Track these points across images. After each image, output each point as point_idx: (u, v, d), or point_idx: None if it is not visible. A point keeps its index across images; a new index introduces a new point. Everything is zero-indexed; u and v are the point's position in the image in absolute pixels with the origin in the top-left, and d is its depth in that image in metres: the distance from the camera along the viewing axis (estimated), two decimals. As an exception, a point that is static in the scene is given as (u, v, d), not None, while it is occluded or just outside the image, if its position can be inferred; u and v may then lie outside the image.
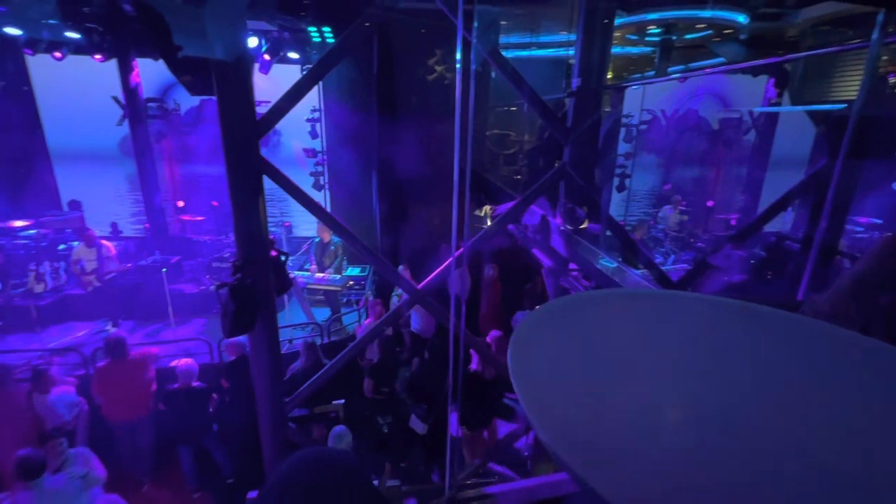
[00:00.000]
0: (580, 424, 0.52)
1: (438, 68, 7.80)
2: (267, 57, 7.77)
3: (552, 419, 0.51)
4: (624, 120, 9.19)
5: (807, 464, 0.52)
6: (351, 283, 7.33)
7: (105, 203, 9.56)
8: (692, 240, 8.50)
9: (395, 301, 6.37)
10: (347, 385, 5.18)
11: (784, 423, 0.58)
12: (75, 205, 9.06)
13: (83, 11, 5.40)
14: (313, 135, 8.26)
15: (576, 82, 3.85)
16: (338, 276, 6.99)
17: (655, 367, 0.70)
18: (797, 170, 5.12)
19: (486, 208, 5.20)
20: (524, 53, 8.97)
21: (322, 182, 8.37)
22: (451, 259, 3.77)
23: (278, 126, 3.77)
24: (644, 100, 10.34)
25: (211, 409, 4.86)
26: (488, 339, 4.87)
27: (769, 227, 4.32)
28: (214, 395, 4.84)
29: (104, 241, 6.83)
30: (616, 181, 8.77)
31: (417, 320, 6.27)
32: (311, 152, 8.20)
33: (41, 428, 4.51)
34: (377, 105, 7.58)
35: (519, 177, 7.55)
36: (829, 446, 0.54)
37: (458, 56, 2.04)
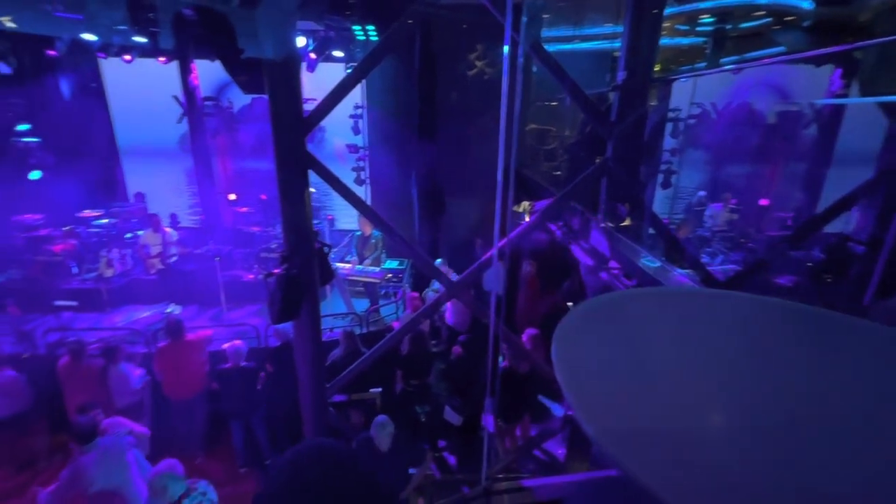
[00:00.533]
0: (625, 420, 0.52)
1: (479, 63, 7.77)
2: (313, 56, 8.00)
3: (598, 414, 0.52)
4: (671, 114, 8.78)
5: (856, 474, 0.49)
6: (389, 275, 7.47)
7: (165, 195, 10.25)
8: (743, 240, 8.04)
9: (430, 295, 6.44)
10: (384, 374, 5.30)
11: (837, 431, 0.56)
12: (140, 197, 9.76)
13: (149, 17, 5.77)
14: (355, 131, 8.46)
15: (621, 75, 3.73)
16: (377, 269, 7.14)
17: (699, 366, 0.69)
18: (864, 167, 4.72)
19: (525, 204, 5.15)
20: (567, 47, 8.76)
21: (363, 177, 8.56)
22: (487, 254, 3.77)
23: (323, 122, 3.90)
24: (695, 93, 9.83)
25: (258, 388, 5.12)
26: (524, 336, 4.84)
27: (829, 228, 4.02)
28: (262, 374, 5.08)
29: (167, 229, 7.32)
30: (660, 178, 8.42)
31: (453, 314, 6.31)
32: (353, 148, 8.40)
33: (112, 397, 4.92)
34: (418, 101, 7.65)
35: (559, 173, 7.42)
36: (885, 458, 0.51)
37: (506, 53, 2.02)
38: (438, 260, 6.43)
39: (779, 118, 11.79)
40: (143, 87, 9.62)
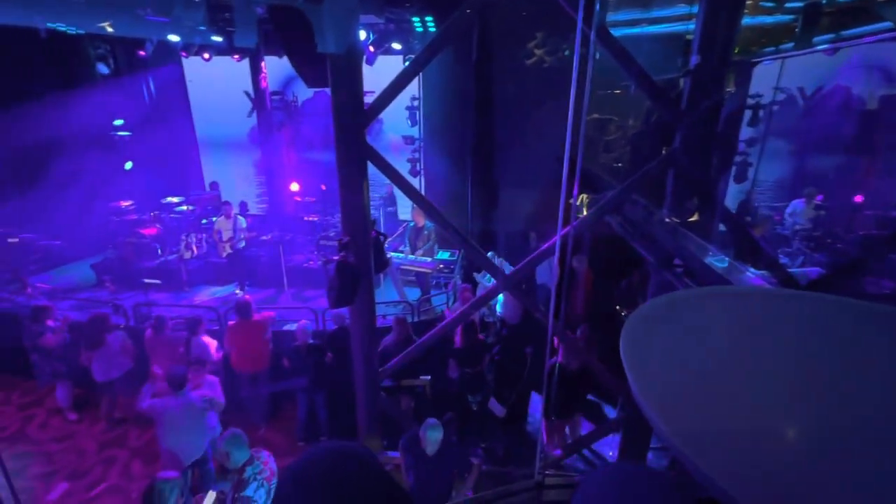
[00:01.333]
0: (698, 421, 0.50)
1: (538, 52, 7.56)
2: (372, 49, 8.19)
3: (671, 415, 0.50)
4: (750, 101, 8.05)
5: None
6: (441, 266, 7.55)
7: (236, 184, 11.01)
8: (830, 240, 7.24)
9: (482, 286, 6.44)
10: (434, 363, 5.40)
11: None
12: (214, 185, 10.57)
13: (225, 17, 6.18)
14: (412, 122, 8.58)
15: (694, 59, 3.47)
16: (429, 259, 7.25)
17: (774, 369, 0.64)
18: None
19: (583, 197, 4.97)
20: (632, 31, 8.28)
21: (418, 168, 8.68)
22: (542, 248, 3.71)
23: (380, 114, 3.99)
24: (781, 77, 8.92)
25: (324, 366, 5.41)
26: (577, 333, 4.72)
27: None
28: (328, 354, 5.35)
29: (238, 216, 7.85)
30: (734, 170, 7.78)
31: (504, 306, 6.28)
32: (409, 139, 8.53)
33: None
34: (474, 92, 7.61)
35: (619, 164, 7.08)
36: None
37: (575, 41, 1.95)
38: (490, 252, 6.41)
39: (881, 103, 10.42)
40: (218, 84, 10.32)
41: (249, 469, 3.31)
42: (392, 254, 7.08)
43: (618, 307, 5.41)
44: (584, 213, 3.85)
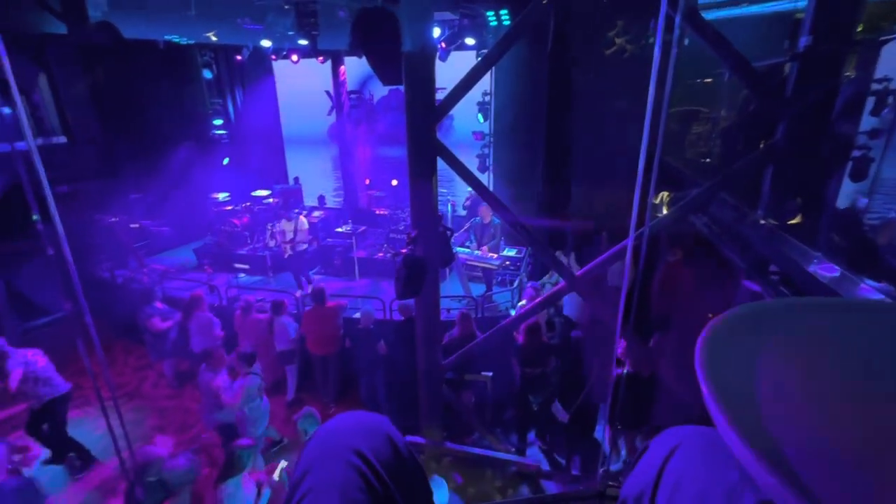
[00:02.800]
0: (792, 444, 0.44)
1: (618, 41, 7.14)
2: (444, 45, 8.27)
3: (759, 434, 0.45)
4: (876, 86, 6.94)
5: None
6: (507, 263, 7.48)
7: (316, 179, 11.75)
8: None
9: (548, 285, 6.28)
10: (497, 360, 5.38)
11: None
12: (297, 180, 11.38)
13: (311, 22, 6.59)
14: (484, 117, 8.54)
15: (804, 41, 3.07)
16: (495, 256, 7.20)
17: (887, 393, 0.55)
18: None
19: (664, 195, 4.63)
20: (727, 13, 7.51)
21: (487, 164, 8.64)
22: (616, 248, 3.52)
23: (451, 110, 4.02)
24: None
25: (381, 352, 5.65)
26: (652, 340, 4.43)
27: None
28: (382, 342, 5.58)
29: (302, 218, 8.03)
30: (851, 166, 6.76)
31: (571, 308, 6.07)
32: (479, 135, 8.52)
33: (275, 342, 5.93)
34: (548, 85, 7.39)
35: (707, 160, 6.49)
36: None
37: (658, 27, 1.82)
38: (558, 251, 6.22)
39: None
40: (302, 85, 11.06)
41: None
42: (458, 249, 7.14)
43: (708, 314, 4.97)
44: (665, 212, 3.59)
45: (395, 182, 10.47)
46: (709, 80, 7.53)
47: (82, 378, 7.01)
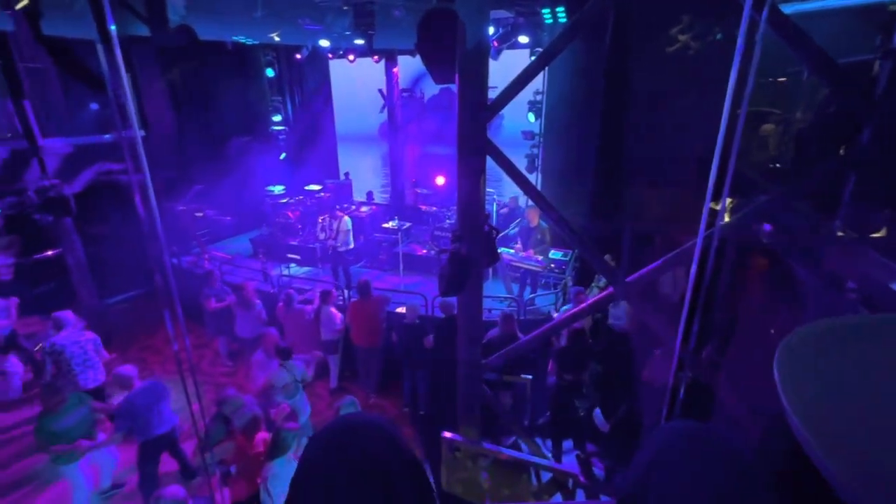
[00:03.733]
0: (878, 465, 0.42)
1: (682, 38, 6.79)
2: (496, 43, 8.20)
3: (843, 453, 0.43)
4: None
5: None
6: (552, 265, 7.33)
7: (365, 175, 12.08)
8: None
9: (595, 291, 6.09)
10: (537, 363, 5.30)
11: None
12: (347, 175, 11.74)
13: (368, 22, 6.77)
14: (535, 116, 8.41)
15: (900, 36, 2.77)
16: (540, 258, 7.08)
17: None
18: None
19: (727, 201, 4.34)
20: (811, 6, 6.92)
21: (536, 164, 8.51)
22: (669, 255, 3.35)
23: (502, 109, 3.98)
24: None
25: (425, 346, 5.72)
26: (704, 352, 4.18)
27: None
28: (429, 336, 5.64)
29: (346, 218, 8.08)
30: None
31: (617, 316, 5.86)
32: (528, 134, 8.40)
33: (321, 330, 6.16)
34: (603, 84, 7.16)
35: (777, 165, 6.02)
36: None
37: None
38: (607, 255, 6.01)
39: None
40: (355, 83, 11.39)
41: None
42: (503, 249, 7.09)
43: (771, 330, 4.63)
44: (727, 219, 3.38)
45: (440, 180, 10.54)
46: (782, 78, 7.00)
47: (147, 353, 7.63)
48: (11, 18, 4.69)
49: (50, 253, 8.99)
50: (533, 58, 7.69)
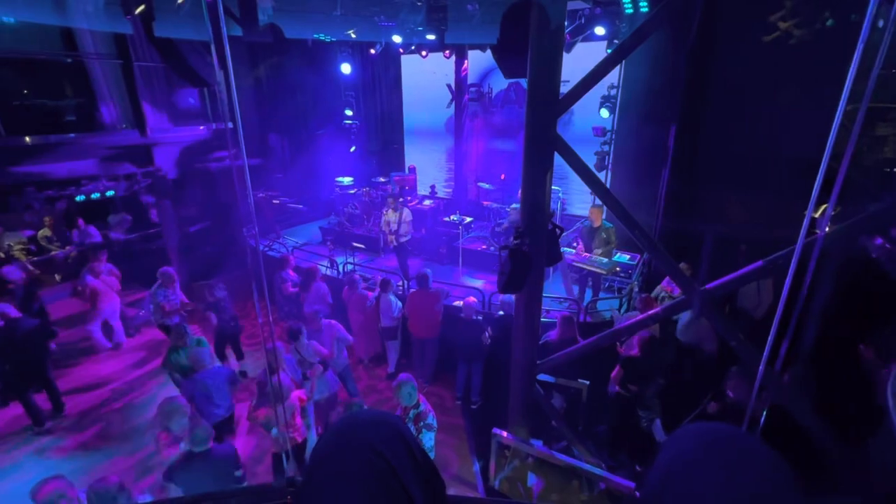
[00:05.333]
0: None
1: (783, 25, 6.12)
2: (569, 36, 7.90)
3: None
4: None
5: None
6: (618, 269, 7.00)
7: (430, 169, 12.25)
8: None
9: (665, 299, 5.74)
10: (595, 369, 5.11)
11: None
12: (412, 169, 11.98)
13: (440, 17, 6.83)
14: (608, 112, 8.02)
15: None
16: (605, 260, 6.78)
17: None
18: None
19: (823, 207, 3.87)
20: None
21: (606, 163, 8.13)
22: (753, 265, 3.06)
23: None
24: None
25: (483, 343, 5.73)
26: (787, 374, 3.78)
27: None
28: (486, 333, 5.65)
29: (406, 209, 8.20)
30: None
31: (687, 327, 5.48)
32: (599, 130, 8.03)
33: (380, 317, 6.43)
34: (685, 78, 6.67)
35: (894, 170, 5.25)
36: None
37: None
38: (682, 263, 5.63)
39: None
40: (425, 78, 11.55)
41: (413, 412, 4.07)
42: (565, 249, 6.88)
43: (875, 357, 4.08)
44: (828, 228, 3.01)
45: (503, 176, 10.42)
46: (907, 70, 6.07)
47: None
48: (130, 22, 5.29)
49: (151, 231, 10.14)
50: (609, 50, 7.33)
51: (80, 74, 9.53)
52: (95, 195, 9.67)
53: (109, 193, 9.84)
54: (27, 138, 8.72)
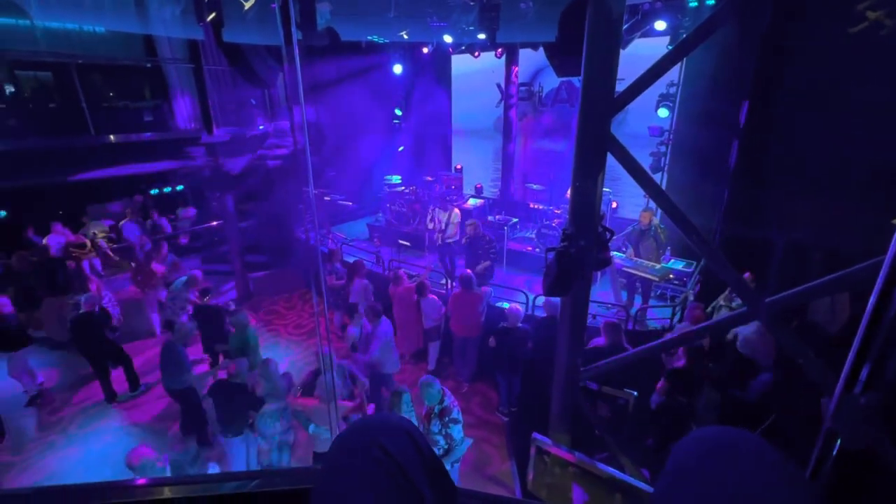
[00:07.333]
0: None
1: (872, 14, 5.54)
2: (625, 33, 7.58)
3: None
4: None
5: None
6: (671, 276, 6.66)
7: (476, 168, 12.23)
8: None
9: (724, 310, 5.39)
10: (643, 380, 4.89)
11: None
12: (458, 169, 12.03)
13: (493, 16, 6.79)
14: (667, 110, 7.64)
15: None
16: (657, 266, 6.47)
17: None
18: None
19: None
20: None
21: (662, 164, 7.76)
22: (832, 276, 2.79)
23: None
24: None
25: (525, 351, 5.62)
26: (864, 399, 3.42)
27: None
28: (531, 343, 5.54)
29: (456, 210, 8.26)
30: None
31: (748, 340, 5.10)
32: (656, 130, 7.67)
33: (423, 319, 6.50)
34: (754, 74, 6.21)
35: None
36: None
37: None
38: (746, 273, 5.27)
39: None
40: (474, 77, 11.55)
41: (447, 399, 4.18)
42: (615, 253, 6.64)
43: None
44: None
45: (551, 177, 10.22)
46: None
47: (272, 316, 8.75)
48: (202, 28, 5.68)
49: (214, 224, 10.86)
50: (670, 46, 6.98)
51: (157, 78, 10.39)
52: (167, 189, 10.50)
53: (179, 188, 10.66)
54: (112, 137, 9.61)
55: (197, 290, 6.78)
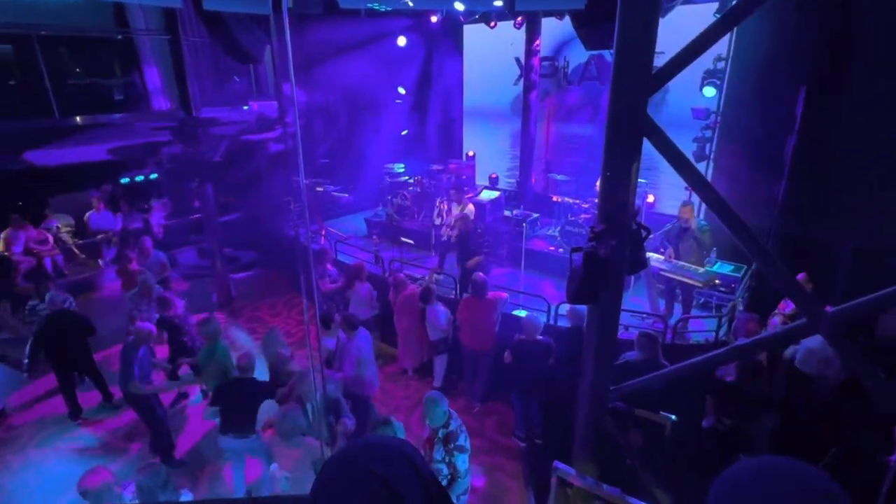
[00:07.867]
0: None
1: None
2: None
3: None
4: None
5: None
6: (717, 281, 6.61)
7: (491, 156, 12.24)
8: None
9: (775, 321, 5.34)
10: (683, 401, 4.87)
11: None
12: (470, 157, 12.05)
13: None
14: (713, 90, 7.58)
15: None
16: (700, 270, 6.42)
17: None
18: None
19: None
20: None
21: (707, 151, 7.70)
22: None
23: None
24: None
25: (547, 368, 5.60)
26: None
27: None
28: (553, 359, 5.51)
29: (470, 206, 8.31)
30: None
31: (809, 355, 5.05)
32: (701, 112, 7.61)
33: (427, 331, 6.53)
34: (818, 47, 6.14)
35: None
36: None
37: None
38: (800, 275, 5.22)
39: None
40: (489, 51, 11.55)
41: (453, 423, 4.12)
42: (650, 254, 6.60)
43: None
44: None
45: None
46: None
47: (254, 324, 8.83)
48: (179, -4, 5.77)
49: (192, 217, 11.00)
50: (718, 15, 6.92)
51: (129, 52, 10.54)
52: (139, 178, 10.65)
53: (153, 176, 10.80)
54: (78, 118, 9.77)
55: (154, 303, 6.69)
